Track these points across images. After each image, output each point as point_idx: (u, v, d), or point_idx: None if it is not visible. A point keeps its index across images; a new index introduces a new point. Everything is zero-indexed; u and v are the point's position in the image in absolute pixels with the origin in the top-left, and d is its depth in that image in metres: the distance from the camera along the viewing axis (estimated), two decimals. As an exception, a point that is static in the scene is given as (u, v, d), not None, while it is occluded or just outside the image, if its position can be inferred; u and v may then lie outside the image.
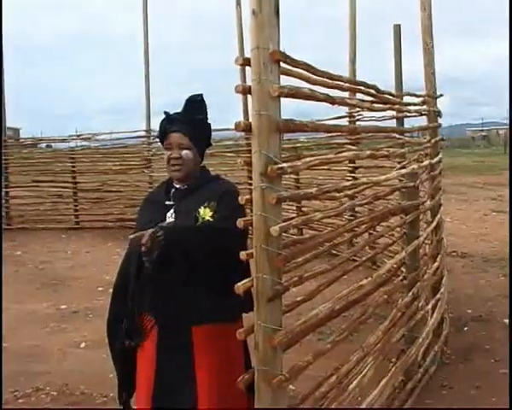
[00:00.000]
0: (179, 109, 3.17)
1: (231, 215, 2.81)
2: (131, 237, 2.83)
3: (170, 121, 3.12)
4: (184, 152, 3.06)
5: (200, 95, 3.13)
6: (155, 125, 14.06)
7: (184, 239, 2.89)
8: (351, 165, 9.99)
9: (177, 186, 3.16)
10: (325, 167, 8.90)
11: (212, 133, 3.30)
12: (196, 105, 3.10)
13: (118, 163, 14.75)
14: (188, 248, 2.87)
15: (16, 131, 41.78)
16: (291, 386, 3.96)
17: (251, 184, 2.38)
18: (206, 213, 2.98)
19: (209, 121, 3.18)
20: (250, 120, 2.38)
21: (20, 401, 4.86)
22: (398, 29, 7.07)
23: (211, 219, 2.95)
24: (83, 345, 6.24)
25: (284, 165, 2.32)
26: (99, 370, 5.39)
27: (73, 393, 4.97)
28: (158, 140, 11.49)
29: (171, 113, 3.14)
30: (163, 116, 3.17)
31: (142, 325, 3.08)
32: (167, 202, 3.13)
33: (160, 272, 2.95)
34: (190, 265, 2.91)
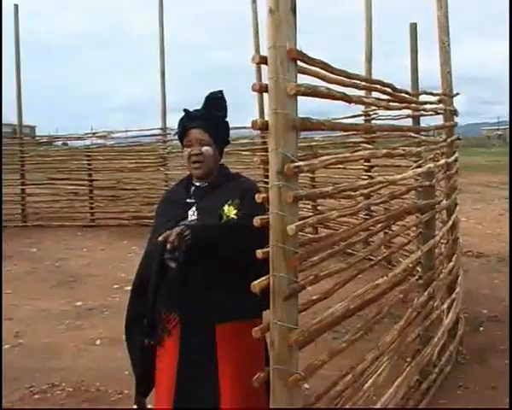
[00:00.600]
0: (194, 107, 3.17)
1: (254, 212, 2.82)
2: (160, 239, 2.80)
3: (189, 118, 3.11)
4: (205, 148, 3.05)
5: (221, 91, 3.12)
6: (171, 123, 14.11)
7: (211, 237, 2.88)
8: (366, 164, 9.98)
9: (198, 184, 3.14)
10: (340, 166, 8.88)
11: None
12: (216, 102, 3.10)
13: (133, 161, 14.82)
14: (214, 245, 2.86)
15: (32, 128, 42.05)
16: (306, 385, 3.97)
17: (267, 183, 2.38)
18: (230, 211, 2.97)
19: (227, 119, 3.18)
20: (266, 118, 2.38)
21: (36, 396, 4.90)
22: (414, 27, 7.05)
23: (235, 217, 2.95)
24: (98, 342, 6.27)
25: (301, 163, 2.32)
26: (114, 367, 5.43)
27: (89, 389, 5.01)
28: (173, 138, 11.54)
29: (191, 110, 3.14)
30: (178, 114, 3.16)
31: (163, 324, 3.07)
32: (188, 200, 3.11)
33: (185, 270, 2.95)
34: (215, 263, 2.91)
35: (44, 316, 7.27)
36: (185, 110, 3.14)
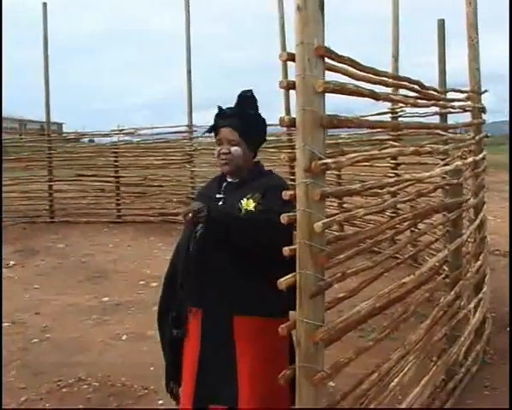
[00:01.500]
0: (219, 104, 3.19)
1: (273, 207, 2.84)
2: (182, 210, 2.89)
3: (221, 116, 3.14)
4: (234, 148, 3.08)
5: (250, 90, 3.14)
6: (197, 120, 14.14)
7: (225, 221, 2.90)
8: (392, 161, 9.93)
9: (229, 180, 3.19)
10: (366, 164, 8.85)
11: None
12: (247, 100, 3.11)
13: (159, 158, 14.87)
14: (228, 230, 2.88)
15: (59, 125, 42.46)
16: (330, 383, 3.96)
17: (293, 180, 2.38)
18: (248, 204, 3.00)
19: (262, 117, 3.19)
20: (293, 115, 2.38)
21: (64, 390, 4.95)
22: (442, 24, 6.98)
23: (253, 210, 2.98)
24: (124, 337, 6.32)
25: (328, 161, 2.32)
26: (140, 362, 5.47)
27: (115, 384, 5.05)
28: (199, 135, 11.58)
29: (224, 107, 3.16)
30: (204, 111, 3.20)
31: (188, 317, 3.14)
32: (218, 195, 3.17)
33: (204, 261, 3.00)
34: (232, 254, 2.94)
35: (71, 311, 7.34)
36: (218, 107, 3.17)
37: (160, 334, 3.40)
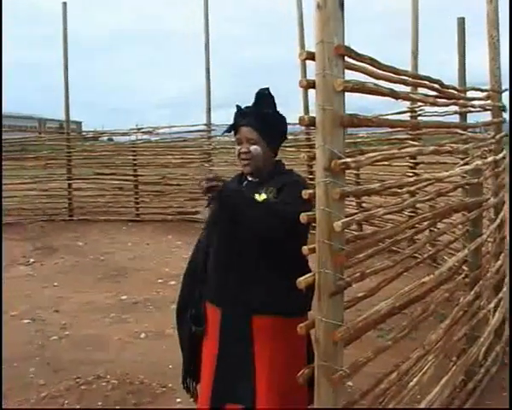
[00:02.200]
0: (239, 103, 3.20)
1: (287, 199, 2.85)
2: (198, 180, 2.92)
3: (241, 115, 3.14)
4: (253, 147, 3.07)
5: (267, 88, 3.13)
6: (215, 118, 14.17)
7: (236, 198, 2.91)
8: (412, 161, 9.88)
9: (250, 179, 3.19)
10: (385, 163, 8.82)
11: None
12: (264, 99, 3.11)
13: (178, 157, 14.92)
14: (238, 209, 2.89)
15: (78, 124, 42.74)
16: (349, 382, 3.95)
17: (311, 179, 2.38)
18: (261, 196, 3.03)
19: (281, 115, 3.18)
20: (311, 114, 2.38)
21: (83, 387, 4.97)
22: (461, 22, 6.94)
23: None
24: (142, 336, 6.34)
25: (348, 160, 2.31)
26: (158, 360, 5.50)
27: (133, 382, 5.06)
28: (218, 134, 11.63)
29: (243, 106, 3.16)
30: (222, 110, 3.22)
31: (206, 312, 3.16)
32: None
33: (223, 259, 3.02)
34: (251, 252, 2.95)
35: (90, 309, 7.39)
36: (237, 106, 3.17)
37: (178, 331, 3.41)
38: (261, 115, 3.06)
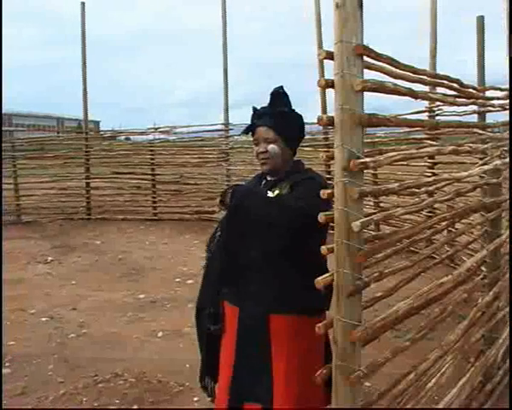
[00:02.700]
0: (256, 103, 3.21)
1: (300, 196, 2.87)
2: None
3: (257, 116, 3.15)
4: (270, 146, 3.08)
5: (281, 87, 3.14)
6: (233, 118, 14.20)
7: (247, 195, 2.98)
8: (430, 160, 9.83)
9: (269, 178, 3.20)
10: (403, 163, 8.80)
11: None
12: (279, 98, 3.11)
13: (195, 156, 14.98)
14: (250, 205, 2.93)
15: (96, 123, 43.02)
16: (366, 383, 3.94)
17: (329, 179, 2.38)
18: (273, 192, 3.06)
19: (297, 113, 3.18)
20: (329, 113, 2.37)
21: (100, 385, 5.01)
22: (481, 21, 6.90)
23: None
24: (160, 334, 6.37)
25: (367, 159, 2.30)
26: (176, 359, 5.52)
27: (150, 381, 5.09)
28: (235, 133, 11.65)
29: (259, 107, 3.17)
30: (240, 110, 3.26)
31: (224, 311, 3.17)
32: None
33: (241, 258, 3.02)
34: (269, 251, 2.96)
35: (108, 307, 7.43)
36: (253, 108, 3.18)
37: (197, 329, 3.42)
38: (276, 114, 3.07)
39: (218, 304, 3.19)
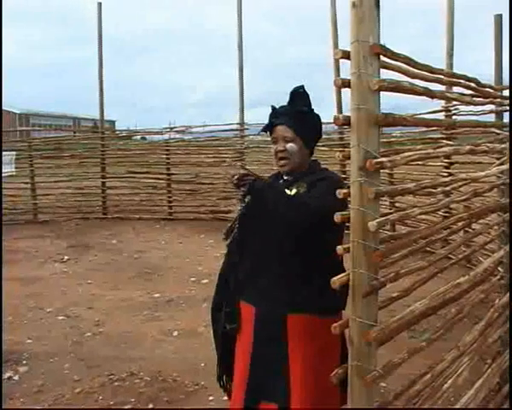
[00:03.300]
0: (272, 103, 3.20)
1: (315, 194, 2.86)
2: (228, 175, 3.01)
3: (275, 115, 3.15)
4: (289, 145, 3.08)
5: (302, 86, 3.12)
6: (248, 117, 14.23)
7: (266, 191, 2.93)
8: (446, 160, 9.78)
9: (285, 177, 3.20)
10: (419, 163, 8.74)
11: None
12: (299, 97, 3.11)
13: (211, 155, 15.00)
14: (268, 202, 2.91)
15: (112, 123, 43.25)
16: (382, 383, 3.92)
17: (345, 179, 2.37)
18: (291, 191, 3.05)
19: (315, 113, 3.17)
20: (344, 113, 2.36)
21: (116, 384, 5.04)
22: (499, 19, 6.83)
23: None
24: (175, 333, 6.39)
25: (383, 159, 2.29)
26: (191, 358, 5.53)
27: (166, 380, 5.11)
28: (251, 133, 11.68)
29: (277, 106, 3.17)
30: (255, 109, 3.23)
31: (240, 311, 3.17)
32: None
33: (258, 258, 3.03)
34: (286, 251, 2.96)
35: (123, 306, 7.47)
36: (272, 107, 3.18)
37: (213, 328, 3.42)
38: (296, 113, 3.07)
39: (233, 303, 3.19)
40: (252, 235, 3.09)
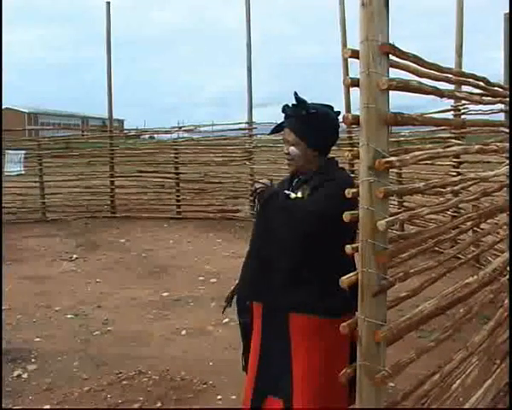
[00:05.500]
0: (280, 102, 3.22)
1: (316, 198, 2.88)
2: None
3: (285, 116, 3.18)
4: (291, 149, 3.12)
5: (295, 92, 3.11)
6: (257, 117, 14.23)
7: (270, 199, 3.05)
8: (455, 160, 9.74)
9: (300, 177, 3.21)
10: (428, 162, 8.71)
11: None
12: (302, 99, 3.11)
13: (219, 155, 15.00)
14: (273, 211, 3.02)
15: (121, 122, 43.36)
16: (390, 383, 3.92)
17: (353, 178, 2.36)
18: (295, 194, 3.10)
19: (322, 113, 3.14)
20: (353, 112, 2.36)
21: (124, 382, 5.04)
22: (508, 18, 6.82)
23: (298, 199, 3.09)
24: (184, 332, 6.38)
25: (393, 158, 2.29)
26: (199, 357, 5.53)
27: (174, 378, 5.11)
28: (259, 132, 11.65)
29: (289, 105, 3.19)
30: (264, 109, 3.27)
31: (249, 306, 3.27)
32: (286, 191, 3.19)
33: (265, 258, 3.08)
34: (292, 252, 2.98)
35: (132, 305, 7.47)
36: (283, 107, 3.19)
37: (238, 317, 3.49)
38: (297, 117, 3.07)
39: (244, 298, 3.32)
40: (261, 237, 3.14)
